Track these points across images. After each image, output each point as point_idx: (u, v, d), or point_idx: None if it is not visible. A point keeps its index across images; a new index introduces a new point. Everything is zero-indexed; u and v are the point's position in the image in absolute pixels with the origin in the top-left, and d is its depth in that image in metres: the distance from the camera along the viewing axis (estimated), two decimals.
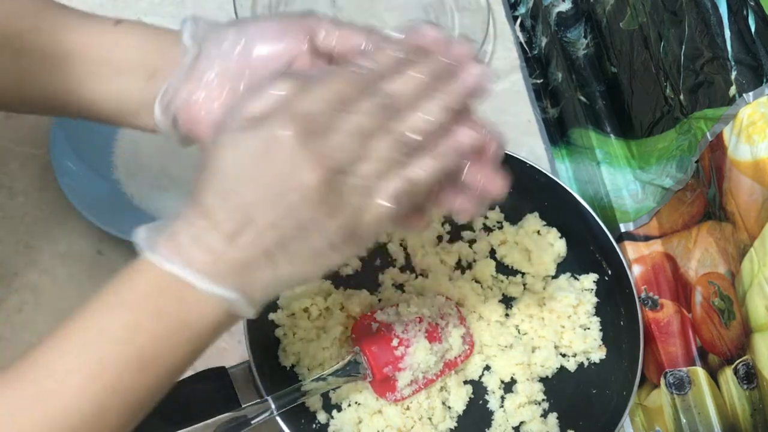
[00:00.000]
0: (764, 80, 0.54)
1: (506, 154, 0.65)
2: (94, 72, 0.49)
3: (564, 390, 0.65)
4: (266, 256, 0.40)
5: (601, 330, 0.67)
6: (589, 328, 0.67)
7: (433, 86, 0.42)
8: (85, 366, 0.38)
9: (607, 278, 0.68)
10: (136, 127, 0.51)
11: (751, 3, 0.56)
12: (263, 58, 0.47)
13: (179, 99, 0.48)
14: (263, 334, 0.61)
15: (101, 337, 0.39)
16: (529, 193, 0.69)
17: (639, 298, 0.65)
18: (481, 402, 0.65)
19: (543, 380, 0.65)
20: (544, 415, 0.64)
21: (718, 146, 0.57)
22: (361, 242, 0.43)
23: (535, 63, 0.83)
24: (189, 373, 0.62)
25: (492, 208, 0.71)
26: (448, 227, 0.70)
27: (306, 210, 0.39)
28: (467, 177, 0.44)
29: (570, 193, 0.68)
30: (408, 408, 0.62)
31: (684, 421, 0.61)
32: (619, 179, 0.71)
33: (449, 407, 0.63)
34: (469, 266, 0.69)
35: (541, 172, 0.69)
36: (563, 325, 0.66)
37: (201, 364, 0.64)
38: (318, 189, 0.39)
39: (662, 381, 0.63)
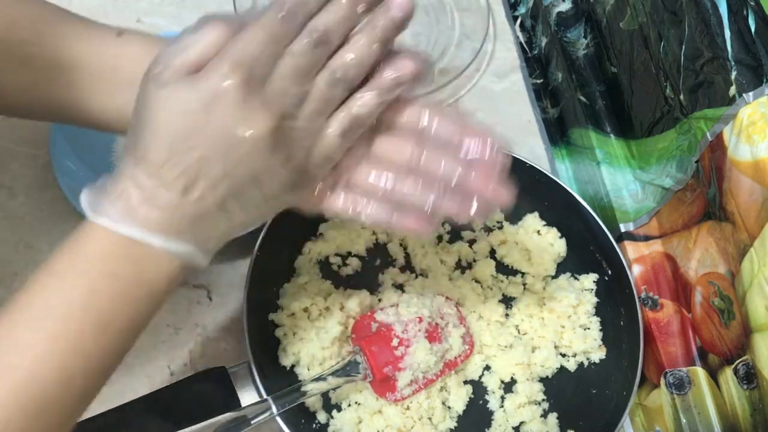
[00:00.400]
0: (764, 80, 0.54)
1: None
2: (96, 84, 0.50)
3: (564, 390, 0.65)
4: (219, 207, 0.41)
5: (601, 330, 0.67)
6: (589, 328, 0.67)
7: (360, 18, 0.42)
8: (46, 335, 0.39)
9: (607, 278, 0.68)
10: None
11: (751, 3, 0.56)
12: None
13: None
14: (263, 334, 0.61)
15: (59, 305, 0.39)
16: (529, 193, 0.69)
17: (639, 298, 0.65)
18: (481, 402, 0.65)
19: (543, 380, 0.65)
20: (544, 415, 0.64)
21: (718, 146, 0.57)
22: (312, 181, 0.44)
23: (535, 63, 0.83)
24: (189, 373, 0.63)
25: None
26: (448, 227, 0.70)
27: (257, 159, 0.40)
28: (473, 185, 0.45)
29: (570, 193, 0.68)
30: (408, 408, 0.62)
31: (684, 421, 0.61)
32: (619, 179, 0.71)
33: (449, 407, 0.63)
34: (469, 266, 0.69)
35: (541, 172, 0.69)
36: (563, 325, 0.66)
37: (201, 364, 0.65)
38: (267, 137, 0.39)
39: (662, 381, 0.63)
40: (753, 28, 0.55)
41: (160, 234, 0.40)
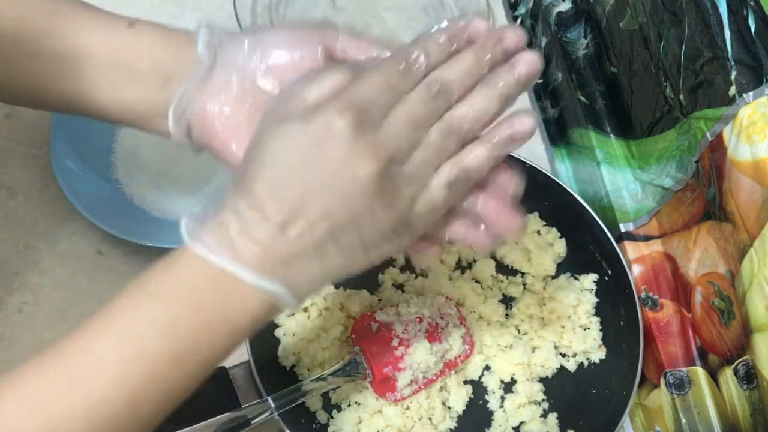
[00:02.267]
0: (764, 80, 0.54)
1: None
2: (106, 77, 0.49)
3: (564, 390, 0.65)
4: (316, 248, 0.40)
5: (601, 330, 0.67)
6: (589, 328, 0.67)
7: (483, 73, 0.41)
8: (122, 355, 0.38)
9: (607, 278, 0.68)
10: (150, 131, 0.50)
11: (751, 3, 0.56)
12: (280, 68, 0.47)
13: (193, 110, 0.47)
14: (263, 334, 0.61)
15: (140, 328, 0.39)
16: (529, 193, 0.68)
17: (639, 298, 0.65)
18: (481, 402, 0.65)
19: (543, 380, 0.65)
20: (544, 415, 0.64)
21: (718, 146, 0.57)
22: (413, 232, 0.43)
23: None
24: None
25: None
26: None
27: (360, 201, 0.39)
28: (485, 212, 0.44)
29: (570, 193, 0.68)
30: (408, 408, 0.62)
31: (684, 421, 0.61)
32: (619, 179, 0.71)
33: (449, 407, 0.63)
34: (469, 266, 0.69)
35: (541, 172, 0.69)
36: (563, 325, 0.66)
37: None
38: (373, 179, 0.39)
39: (662, 381, 0.63)
40: (753, 28, 0.55)
41: (253, 268, 0.39)
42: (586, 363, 0.66)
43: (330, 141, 0.39)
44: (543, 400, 0.65)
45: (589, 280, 0.68)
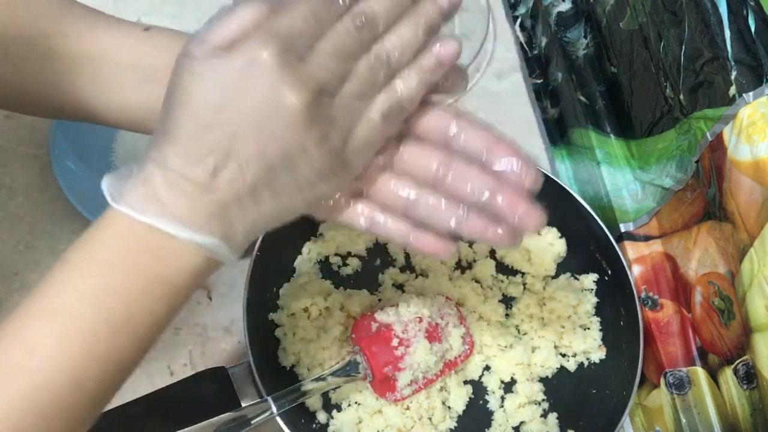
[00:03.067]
0: (764, 80, 0.54)
1: None
2: (123, 77, 0.49)
3: (564, 390, 0.65)
4: (250, 193, 0.38)
5: (601, 330, 0.67)
6: (589, 328, 0.67)
7: (407, 4, 0.41)
8: (57, 335, 0.36)
9: (607, 278, 0.68)
10: None
11: (751, 3, 0.56)
12: None
13: None
14: (263, 334, 0.61)
15: (71, 303, 0.37)
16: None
17: (639, 298, 0.65)
18: (481, 402, 0.65)
19: (543, 380, 0.65)
20: (544, 415, 0.64)
21: (718, 146, 0.57)
22: (351, 170, 0.41)
23: (535, 63, 0.83)
24: (189, 373, 0.63)
25: None
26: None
27: (292, 136, 0.37)
28: (504, 208, 0.43)
29: (570, 193, 0.68)
30: (408, 408, 0.62)
31: (684, 421, 0.61)
32: (619, 179, 0.71)
33: (449, 407, 0.63)
34: (469, 266, 0.69)
35: (541, 172, 0.69)
36: (563, 325, 0.66)
37: (201, 364, 0.65)
38: (303, 112, 0.37)
39: (662, 381, 0.63)
40: (753, 28, 0.55)
41: (184, 223, 0.37)
42: (586, 363, 0.66)
43: (255, 74, 0.36)
44: (543, 400, 0.65)
45: (589, 280, 0.68)
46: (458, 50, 0.42)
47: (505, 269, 0.70)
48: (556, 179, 0.69)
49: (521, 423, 0.63)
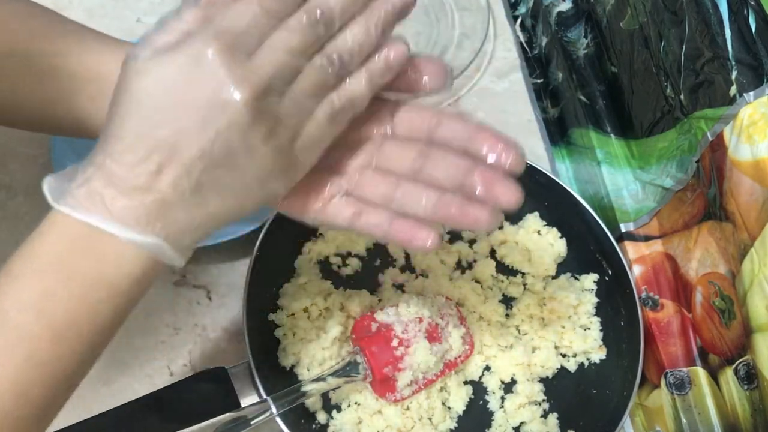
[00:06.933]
0: (765, 80, 0.54)
1: None
2: None
3: (564, 390, 0.65)
4: (194, 193, 0.37)
5: (601, 330, 0.67)
6: (589, 329, 0.67)
7: (361, 4, 0.40)
8: None
9: (607, 278, 0.68)
10: None
11: (752, 3, 0.56)
12: None
13: None
14: (263, 334, 0.61)
15: (11, 311, 0.36)
16: (529, 193, 0.68)
17: (639, 298, 0.65)
18: (481, 402, 0.64)
19: (543, 380, 0.65)
20: (544, 415, 0.64)
21: (718, 146, 0.57)
22: (299, 168, 0.41)
23: (535, 63, 0.83)
24: (189, 373, 0.63)
25: None
26: (448, 227, 0.70)
27: (236, 134, 0.37)
28: (478, 185, 0.42)
29: (570, 193, 0.68)
30: (408, 408, 0.62)
31: (684, 421, 0.61)
32: (620, 179, 0.71)
33: (449, 407, 0.63)
34: (469, 266, 0.69)
35: (541, 172, 0.69)
36: (563, 326, 0.66)
37: (201, 364, 0.65)
38: (248, 109, 0.36)
39: (662, 381, 0.63)
40: (753, 28, 0.55)
41: (125, 222, 0.36)
42: (586, 363, 0.66)
43: (199, 71, 0.36)
44: (543, 400, 0.64)
45: (590, 280, 0.68)
46: (406, 52, 0.41)
47: (505, 269, 0.70)
48: (556, 179, 0.69)
49: (521, 423, 0.63)
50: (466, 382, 0.64)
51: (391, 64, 0.41)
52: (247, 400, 0.56)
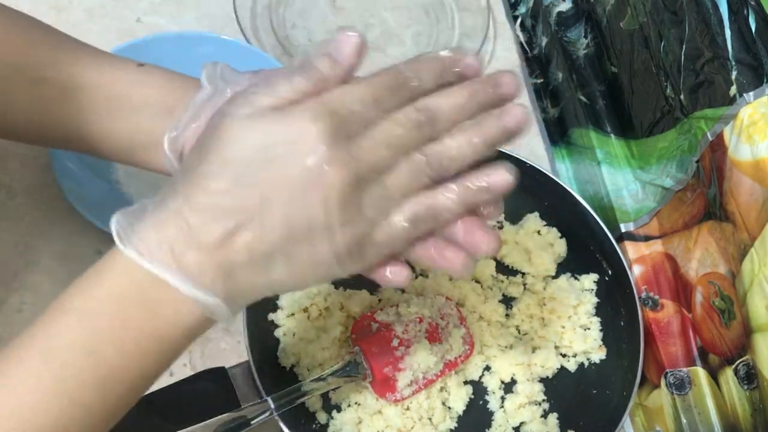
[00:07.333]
0: (765, 80, 0.54)
1: (506, 153, 0.66)
2: (113, 107, 0.48)
3: (564, 390, 0.65)
4: (264, 258, 0.37)
5: (601, 330, 0.67)
6: (589, 329, 0.67)
7: (472, 113, 0.39)
8: (43, 381, 0.35)
9: (607, 278, 0.68)
10: (146, 164, 0.50)
11: (752, 3, 0.56)
12: None
13: (187, 133, 0.46)
14: (263, 334, 0.61)
15: (61, 348, 0.36)
16: (529, 193, 0.69)
17: (639, 298, 0.65)
18: (481, 402, 0.64)
19: (543, 380, 0.65)
20: (545, 415, 0.64)
21: (718, 146, 0.57)
22: (366, 260, 0.39)
23: (535, 63, 0.83)
24: (189, 373, 0.63)
25: None
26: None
27: (320, 213, 0.36)
28: (458, 232, 0.41)
29: (570, 193, 0.68)
30: (408, 408, 0.61)
31: (684, 421, 0.61)
32: (620, 179, 0.71)
33: (449, 407, 0.63)
34: None
35: (541, 172, 0.69)
36: (563, 326, 0.66)
37: (201, 364, 0.64)
38: (339, 192, 0.36)
39: (662, 381, 0.63)
40: (753, 28, 0.55)
41: (190, 277, 0.36)
42: (586, 363, 0.66)
43: (302, 143, 0.35)
44: (543, 400, 0.64)
45: (590, 280, 0.68)
46: (511, 184, 0.40)
47: (505, 269, 0.70)
48: (556, 179, 0.69)
49: (521, 423, 0.63)
50: (466, 382, 0.64)
51: (492, 188, 0.40)
52: (247, 400, 0.56)
